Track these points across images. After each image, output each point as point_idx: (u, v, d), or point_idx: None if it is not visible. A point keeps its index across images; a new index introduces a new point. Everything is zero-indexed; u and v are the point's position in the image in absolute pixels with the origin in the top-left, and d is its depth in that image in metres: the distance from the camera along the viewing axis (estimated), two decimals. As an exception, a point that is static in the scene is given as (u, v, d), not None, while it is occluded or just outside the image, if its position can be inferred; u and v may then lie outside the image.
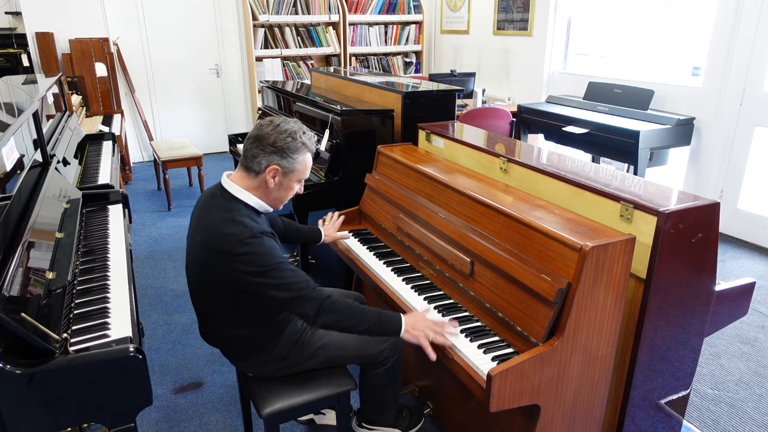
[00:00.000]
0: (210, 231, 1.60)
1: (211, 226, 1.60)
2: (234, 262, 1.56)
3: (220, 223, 1.59)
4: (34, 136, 2.44)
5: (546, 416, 1.57)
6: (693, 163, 4.29)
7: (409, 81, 3.49)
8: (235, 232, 1.56)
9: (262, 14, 5.81)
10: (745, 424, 2.29)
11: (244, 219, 1.60)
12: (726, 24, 3.90)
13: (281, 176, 1.66)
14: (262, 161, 1.62)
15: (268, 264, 1.57)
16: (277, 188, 1.68)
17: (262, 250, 1.57)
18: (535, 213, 1.70)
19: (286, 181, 1.68)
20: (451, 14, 6.58)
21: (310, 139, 1.69)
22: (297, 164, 1.66)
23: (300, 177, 1.70)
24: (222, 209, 1.62)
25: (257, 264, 1.56)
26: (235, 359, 1.81)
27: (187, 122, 6.46)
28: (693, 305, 1.69)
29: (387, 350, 1.88)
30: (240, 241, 1.55)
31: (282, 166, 1.64)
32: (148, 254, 3.93)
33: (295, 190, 1.74)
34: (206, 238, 1.61)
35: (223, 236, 1.57)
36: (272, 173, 1.64)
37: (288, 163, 1.64)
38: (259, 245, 1.57)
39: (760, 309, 3.16)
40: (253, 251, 1.56)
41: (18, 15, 5.70)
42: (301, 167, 1.68)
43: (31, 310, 1.38)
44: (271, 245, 1.60)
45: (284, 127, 1.64)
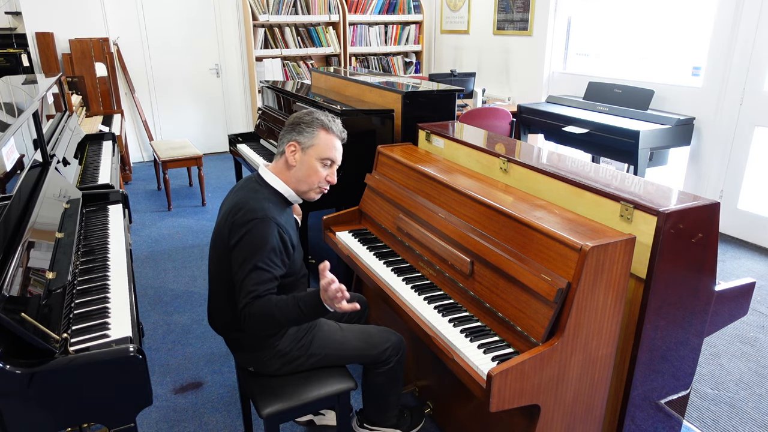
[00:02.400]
0: (233, 207, 1.68)
1: (236, 202, 1.69)
2: (234, 231, 1.62)
3: (243, 201, 1.67)
4: (34, 136, 2.44)
5: (546, 416, 1.57)
6: (693, 163, 4.29)
7: (409, 81, 3.49)
8: (249, 209, 1.64)
9: (262, 14, 5.81)
10: (745, 424, 2.29)
11: (265, 203, 1.66)
12: (726, 24, 3.90)
13: (300, 152, 1.72)
14: (284, 140, 1.72)
15: (253, 256, 1.59)
16: (299, 167, 1.73)
17: (259, 236, 1.60)
18: (535, 213, 1.70)
19: (306, 158, 1.72)
20: (451, 14, 6.58)
21: (334, 122, 1.75)
22: (314, 139, 1.71)
23: (321, 155, 1.72)
24: (251, 191, 1.71)
25: (247, 248, 1.60)
26: (238, 350, 1.82)
27: (187, 122, 6.46)
28: (693, 305, 1.69)
29: (389, 350, 1.89)
30: (248, 220, 1.61)
31: (299, 141, 1.71)
32: (148, 254, 3.93)
33: (321, 173, 1.74)
34: (227, 213, 1.69)
35: (239, 210, 1.64)
36: (291, 149, 1.72)
37: (305, 138, 1.71)
38: (261, 231, 1.60)
39: (760, 309, 3.16)
40: (251, 235, 1.60)
41: (18, 15, 5.71)
42: (320, 143, 1.72)
43: (31, 310, 1.38)
44: (271, 237, 1.61)
45: (307, 112, 1.74)
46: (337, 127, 1.77)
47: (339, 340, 1.85)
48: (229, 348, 1.86)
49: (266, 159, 3.56)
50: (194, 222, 4.55)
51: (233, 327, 1.77)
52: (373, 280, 2.09)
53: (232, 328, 1.78)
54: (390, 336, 1.92)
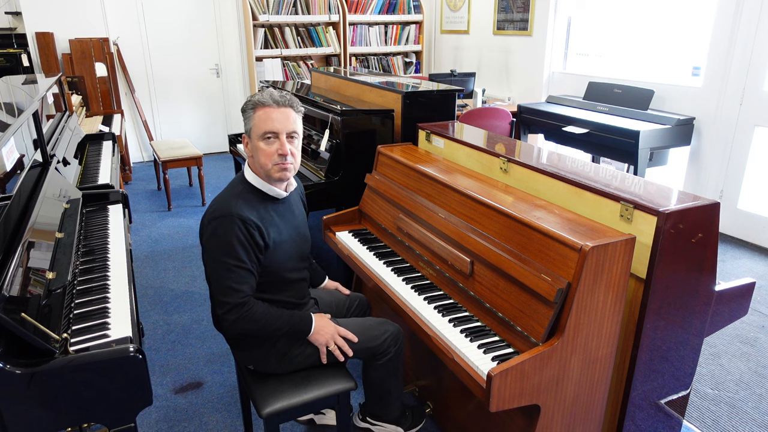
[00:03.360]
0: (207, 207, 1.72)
1: (210, 203, 1.72)
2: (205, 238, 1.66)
3: (215, 200, 1.71)
4: (34, 136, 2.44)
5: (546, 416, 1.57)
6: (693, 163, 4.29)
7: (409, 81, 3.49)
8: (216, 208, 1.66)
9: (262, 14, 5.81)
10: (745, 424, 2.29)
11: (234, 198, 1.67)
12: (726, 24, 3.90)
13: (249, 141, 1.72)
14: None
15: (219, 254, 1.61)
16: (255, 155, 1.70)
17: (223, 234, 1.61)
18: (535, 213, 1.70)
19: (252, 142, 1.71)
20: (451, 14, 6.58)
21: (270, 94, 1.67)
22: (251, 121, 1.69)
23: (259, 132, 1.66)
24: (229, 187, 1.74)
25: (212, 247, 1.63)
26: (238, 349, 1.82)
27: (187, 122, 6.46)
28: (693, 305, 1.69)
29: (388, 340, 1.89)
30: (215, 218, 1.64)
31: (246, 131, 1.72)
32: (148, 254, 3.93)
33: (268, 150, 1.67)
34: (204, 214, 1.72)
35: (207, 211, 1.69)
36: (245, 141, 1.73)
37: (247, 125, 1.71)
38: (224, 229, 1.61)
39: (760, 309, 3.16)
40: (214, 234, 1.62)
41: (18, 15, 5.70)
42: (256, 122, 1.67)
43: (31, 310, 1.38)
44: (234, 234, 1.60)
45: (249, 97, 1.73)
46: (271, 96, 1.67)
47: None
48: (229, 346, 1.87)
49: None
50: (194, 222, 4.55)
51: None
52: (373, 280, 2.09)
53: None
54: (388, 326, 1.92)
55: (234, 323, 1.64)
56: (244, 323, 1.65)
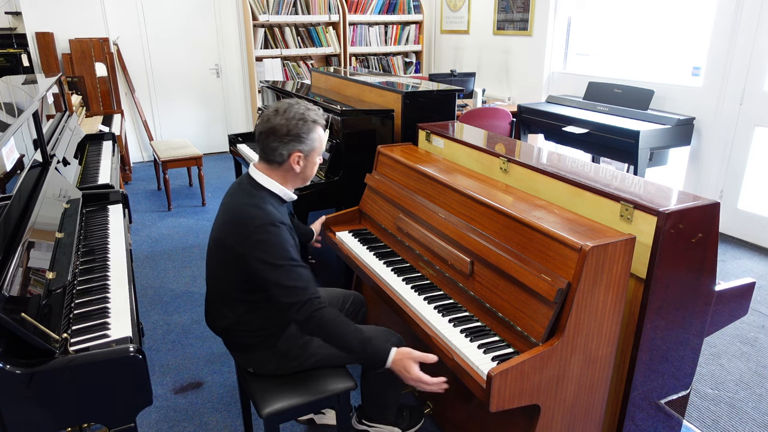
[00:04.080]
0: (234, 214, 1.68)
1: (236, 210, 1.68)
2: (251, 246, 1.61)
3: (244, 207, 1.66)
4: (34, 136, 2.44)
5: (546, 416, 1.57)
6: (693, 163, 4.29)
7: (409, 81, 3.49)
8: (256, 216, 1.63)
9: (262, 14, 5.81)
10: (745, 424, 2.29)
11: (267, 206, 1.67)
12: (726, 24, 3.90)
13: (304, 159, 1.74)
14: (284, 152, 1.69)
15: (279, 257, 1.61)
16: (303, 170, 1.76)
17: (276, 241, 1.61)
18: (535, 213, 1.70)
19: (310, 160, 1.76)
20: (451, 14, 6.58)
21: (317, 112, 1.74)
22: (314, 142, 1.74)
23: (320, 151, 1.78)
24: (248, 195, 1.70)
25: (269, 253, 1.61)
26: (237, 351, 1.82)
27: (187, 122, 6.46)
28: (693, 305, 1.69)
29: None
30: (259, 226, 1.61)
31: (303, 150, 1.72)
32: (148, 254, 3.93)
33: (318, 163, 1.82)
34: (230, 220, 1.68)
35: (244, 219, 1.64)
36: (296, 160, 1.72)
37: (307, 146, 1.72)
38: (276, 235, 1.62)
39: (760, 309, 3.16)
40: (268, 239, 1.61)
41: (18, 15, 5.70)
42: (318, 143, 1.75)
43: (31, 310, 1.38)
44: (286, 238, 1.65)
45: (292, 112, 1.69)
46: (324, 117, 1.78)
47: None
48: (228, 349, 1.86)
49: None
50: (194, 222, 4.55)
51: (233, 329, 1.77)
52: (373, 280, 2.09)
53: (233, 329, 1.78)
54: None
55: (307, 321, 1.60)
56: (314, 324, 1.60)
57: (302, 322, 1.63)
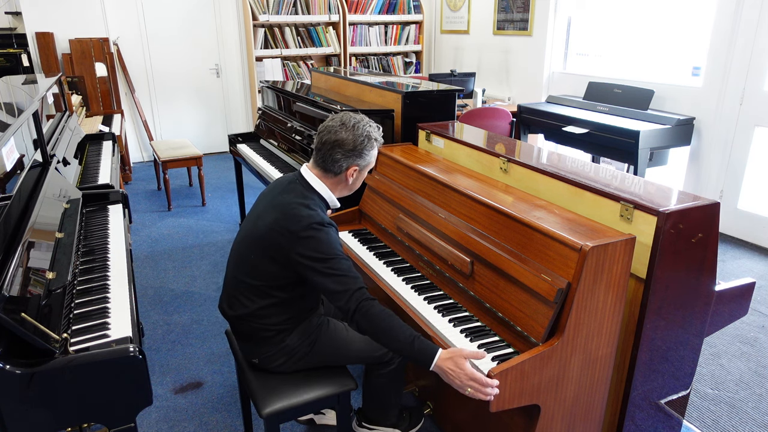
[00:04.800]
0: (284, 210, 1.70)
1: (286, 206, 1.71)
2: (297, 243, 1.63)
3: (295, 205, 1.70)
4: (34, 136, 2.44)
5: (546, 416, 1.57)
6: (693, 163, 4.29)
7: (409, 81, 3.49)
8: (308, 215, 1.67)
9: (262, 14, 5.81)
10: (745, 424, 2.29)
11: (317, 209, 1.72)
12: (726, 24, 3.90)
13: (358, 173, 1.82)
14: (343, 164, 1.76)
15: (328, 253, 1.64)
16: (354, 182, 1.85)
17: (326, 239, 1.66)
18: (535, 213, 1.70)
19: (362, 174, 1.86)
20: (451, 14, 6.58)
21: (379, 132, 1.83)
22: (371, 158, 1.83)
23: (371, 167, 1.87)
24: (299, 195, 1.74)
25: (318, 251, 1.63)
26: (245, 341, 1.82)
27: (187, 122, 6.46)
28: (693, 305, 1.69)
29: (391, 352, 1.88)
30: (309, 225, 1.65)
31: (359, 165, 1.80)
32: (148, 254, 3.93)
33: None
34: (278, 215, 1.69)
35: (295, 217, 1.67)
36: (352, 173, 1.80)
37: (364, 161, 1.80)
38: (326, 234, 1.66)
39: (760, 309, 3.16)
40: (318, 237, 1.64)
41: (18, 15, 5.70)
42: (374, 160, 1.86)
43: (31, 310, 1.38)
44: (335, 238, 1.69)
45: (360, 128, 1.75)
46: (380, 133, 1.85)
47: (344, 339, 1.85)
48: (235, 337, 1.86)
49: (266, 159, 3.56)
50: (194, 222, 4.55)
51: (248, 319, 1.76)
52: (373, 280, 2.09)
53: (247, 319, 1.76)
54: None
55: (357, 310, 1.58)
56: (363, 313, 1.58)
57: (352, 312, 1.60)
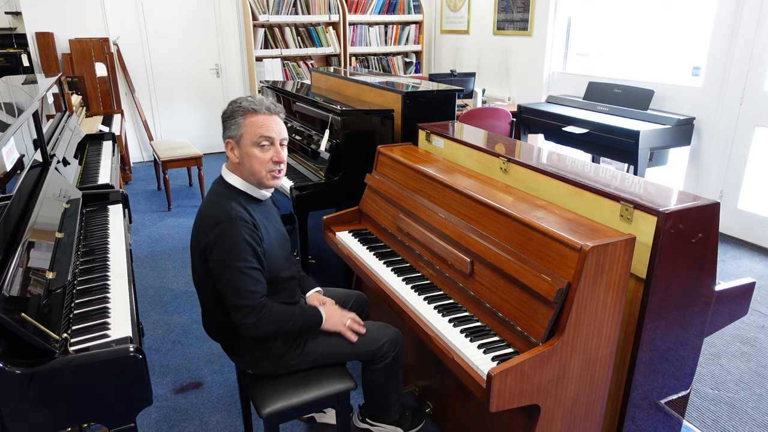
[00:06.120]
0: (199, 214, 1.68)
1: (201, 209, 1.69)
2: (206, 247, 1.61)
3: (206, 206, 1.67)
4: (34, 136, 2.44)
5: (546, 416, 1.57)
6: (693, 163, 4.29)
7: (409, 81, 3.49)
8: (214, 214, 1.62)
9: (262, 14, 5.81)
10: (745, 424, 2.29)
11: (227, 202, 1.64)
12: (726, 24, 3.90)
13: (237, 147, 1.67)
14: (223, 140, 1.69)
15: (230, 258, 1.58)
16: (243, 161, 1.68)
17: (230, 240, 1.58)
18: (535, 213, 1.70)
19: (243, 148, 1.66)
20: (451, 14, 6.58)
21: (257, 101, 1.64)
22: (241, 128, 1.64)
23: (252, 139, 1.64)
24: (214, 194, 1.70)
25: (221, 253, 1.59)
26: (234, 355, 1.82)
27: (187, 122, 6.46)
28: (693, 305, 1.69)
29: (387, 345, 1.88)
30: (215, 224, 1.60)
31: (231, 136, 1.67)
32: (148, 254, 3.93)
33: (262, 157, 1.65)
34: (196, 220, 1.68)
35: (203, 220, 1.64)
36: (229, 147, 1.69)
37: (233, 131, 1.66)
38: (230, 233, 1.58)
39: (760, 309, 3.16)
40: (220, 239, 1.58)
41: (18, 15, 5.71)
42: (247, 129, 1.64)
43: (31, 310, 1.38)
44: (243, 236, 1.59)
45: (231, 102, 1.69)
46: (262, 103, 1.65)
47: (334, 340, 1.84)
48: (225, 352, 1.86)
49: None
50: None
51: (228, 332, 1.76)
52: (373, 280, 2.09)
53: (227, 332, 1.77)
54: (387, 331, 1.91)
55: (254, 326, 1.62)
56: (262, 325, 1.63)
57: (249, 328, 1.62)
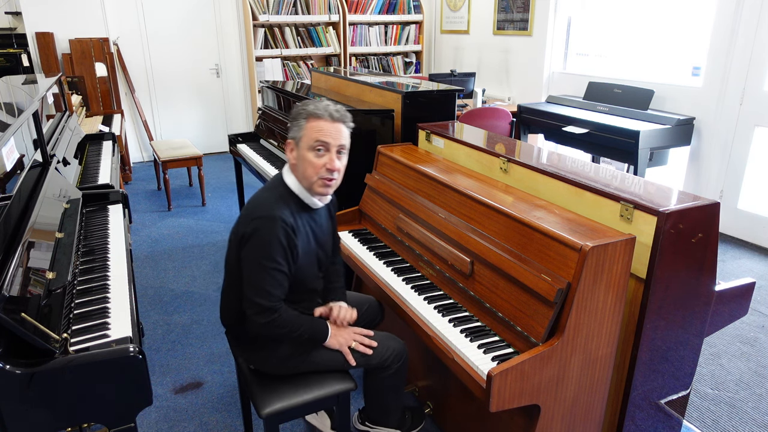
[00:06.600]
0: (247, 203, 1.72)
1: (251, 199, 1.72)
2: (243, 237, 1.63)
3: (256, 198, 1.70)
4: (34, 136, 2.44)
5: (546, 416, 1.57)
6: (693, 163, 4.29)
7: (409, 81, 3.49)
8: (256, 206, 1.65)
9: (262, 14, 5.81)
10: (745, 424, 2.29)
11: (276, 200, 1.66)
12: (726, 24, 3.90)
13: (296, 148, 1.70)
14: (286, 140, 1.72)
15: (260, 254, 1.60)
16: (299, 163, 1.69)
17: (265, 237, 1.60)
18: (535, 213, 1.70)
19: (300, 151, 1.68)
20: (451, 14, 6.58)
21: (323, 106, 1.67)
22: (302, 130, 1.67)
23: (309, 142, 1.65)
24: (268, 188, 1.73)
25: (254, 247, 1.61)
26: (239, 347, 1.83)
27: (187, 122, 6.46)
28: (693, 305, 1.69)
29: (390, 357, 1.85)
30: (255, 217, 1.62)
31: (293, 138, 1.70)
32: (148, 254, 3.93)
33: (316, 162, 1.65)
34: (243, 210, 1.71)
35: (248, 208, 1.67)
36: (289, 148, 1.71)
37: (295, 132, 1.69)
38: (267, 230, 1.60)
39: (760, 309, 3.16)
40: (257, 233, 1.60)
41: (18, 15, 5.71)
42: (307, 132, 1.66)
43: (31, 310, 1.38)
44: (276, 236, 1.60)
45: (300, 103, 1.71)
46: (326, 109, 1.66)
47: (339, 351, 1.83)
48: (230, 343, 1.86)
49: (266, 159, 3.56)
50: (194, 222, 4.55)
51: (239, 322, 1.77)
52: (373, 280, 2.09)
53: (239, 322, 1.78)
54: (392, 343, 1.88)
55: (263, 326, 1.63)
56: (272, 327, 1.64)
57: (258, 326, 1.64)
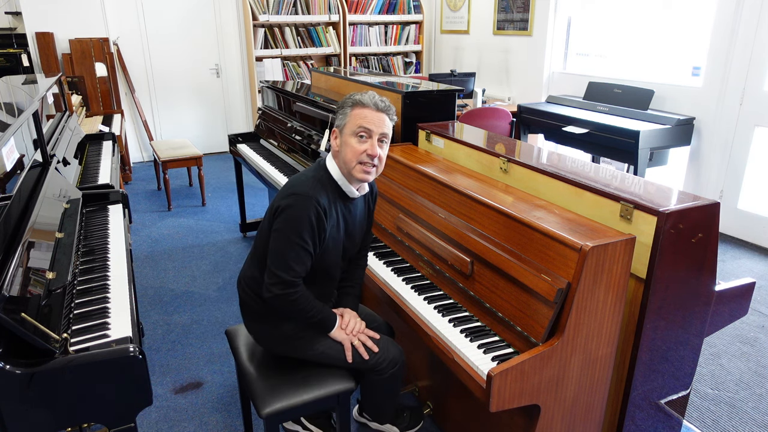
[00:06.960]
0: (288, 180, 1.76)
1: (292, 177, 1.77)
2: (277, 209, 1.67)
3: (296, 177, 1.74)
4: (34, 136, 2.44)
5: (546, 416, 1.57)
6: (693, 163, 4.29)
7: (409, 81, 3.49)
8: (295, 183, 1.69)
9: (262, 14, 5.81)
10: (745, 424, 2.29)
11: (313, 182, 1.70)
12: (726, 24, 3.90)
13: (340, 135, 1.74)
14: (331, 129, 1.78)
15: (288, 228, 1.63)
16: (342, 149, 1.72)
17: (297, 213, 1.63)
18: (535, 213, 1.70)
19: (343, 137, 1.72)
20: (451, 14, 6.58)
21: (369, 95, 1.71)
22: (347, 117, 1.71)
23: (353, 129, 1.69)
24: (311, 169, 1.78)
25: (284, 220, 1.64)
26: (247, 318, 1.85)
27: (187, 122, 6.46)
28: (693, 305, 1.69)
29: (385, 363, 1.84)
30: (291, 193, 1.66)
31: (338, 126, 1.74)
32: (148, 254, 3.93)
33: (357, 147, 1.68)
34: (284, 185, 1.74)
35: (287, 183, 1.72)
36: (334, 135, 1.75)
37: (340, 120, 1.73)
38: (299, 206, 1.63)
39: (760, 309, 3.16)
40: (290, 208, 1.64)
41: (18, 15, 5.71)
42: (351, 119, 1.70)
43: (31, 310, 1.38)
44: (307, 214, 1.63)
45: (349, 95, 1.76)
46: (372, 99, 1.71)
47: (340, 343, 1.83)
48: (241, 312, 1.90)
49: (266, 159, 3.56)
50: (194, 222, 4.55)
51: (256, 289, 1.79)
52: (373, 280, 2.09)
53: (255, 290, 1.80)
54: (390, 349, 1.87)
55: (277, 297, 1.66)
56: (285, 301, 1.66)
57: (272, 297, 1.67)
